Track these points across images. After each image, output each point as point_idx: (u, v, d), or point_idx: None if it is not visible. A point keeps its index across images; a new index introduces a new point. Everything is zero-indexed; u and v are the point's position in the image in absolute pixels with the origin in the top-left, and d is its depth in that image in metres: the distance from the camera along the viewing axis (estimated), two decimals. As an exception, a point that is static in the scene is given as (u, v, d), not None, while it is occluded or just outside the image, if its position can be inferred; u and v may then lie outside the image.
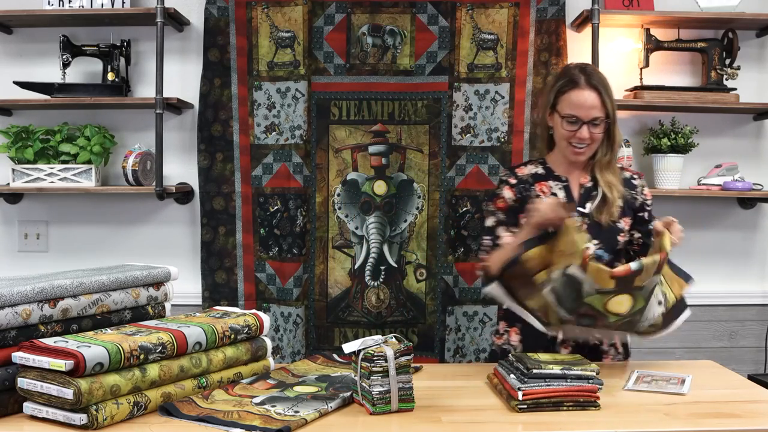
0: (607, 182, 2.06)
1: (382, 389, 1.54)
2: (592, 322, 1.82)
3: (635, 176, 2.16)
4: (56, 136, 2.85)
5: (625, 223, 2.08)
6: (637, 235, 2.11)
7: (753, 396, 1.74)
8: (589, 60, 2.81)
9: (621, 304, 1.75)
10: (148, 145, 2.90)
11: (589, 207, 2.06)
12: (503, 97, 2.92)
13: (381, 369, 1.54)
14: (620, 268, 1.73)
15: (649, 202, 2.14)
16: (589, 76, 2.03)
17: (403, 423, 1.51)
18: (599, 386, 1.62)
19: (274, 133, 2.94)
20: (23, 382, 1.44)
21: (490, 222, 2.12)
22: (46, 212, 3.06)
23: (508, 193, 2.10)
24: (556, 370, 1.62)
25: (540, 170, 2.13)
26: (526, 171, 2.14)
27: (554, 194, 2.08)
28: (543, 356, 1.72)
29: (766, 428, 1.51)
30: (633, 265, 1.72)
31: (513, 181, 2.13)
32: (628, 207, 2.09)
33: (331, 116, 2.94)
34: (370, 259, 2.94)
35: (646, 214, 2.12)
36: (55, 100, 2.84)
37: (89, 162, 2.84)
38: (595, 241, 2.03)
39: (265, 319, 1.81)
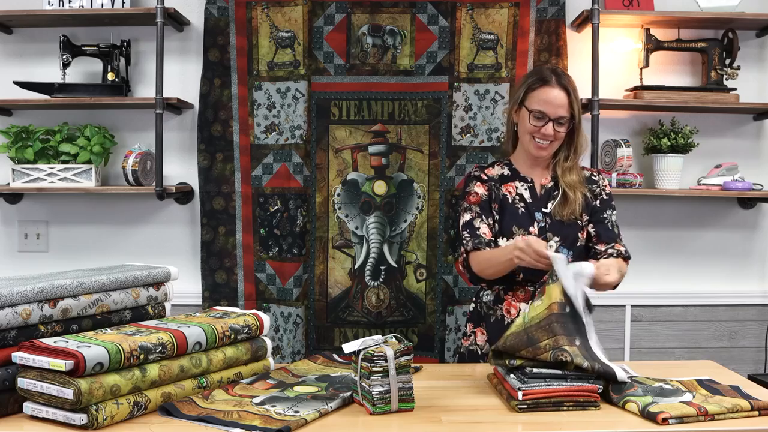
0: (570, 183, 2.11)
1: (382, 389, 1.54)
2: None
3: (595, 173, 2.22)
4: (56, 136, 2.85)
5: (584, 219, 2.13)
6: (591, 228, 2.13)
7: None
8: (589, 60, 2.82)
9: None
10: (148, 145, 2.90)
11: (550, 206, 2.12)
12: (503, 97, 2.92)
13: (381, 369, 1.54)
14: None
15: (606, 192, 2.18)
16: (560, 76, 2.10)
17: (403, 423, 1.51)
18: (599, 386, 1.62)
19: (274, 133, 2.94)
20: (23, 382, 1.44)
21: (467, 217, 2.15)
22: (46, 212, 3.06)
23: (479, 189, 2.16)
24: (557, 370, 1.61)
25: (506, 171, 2.20)
26: (493, 172, 2.20)
27: (520, 195, 2.13)
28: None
29: (766, 428, 1.51)
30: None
31: (484, 177, 2.18)
32: (587, 204, 2.14)
33: (331, 116, 2.94)
34: (370, 259, 2.94)
35: (597, 202, 2.15)
36: (55, 100, 2.84)
37: (89, 162, 2.84)
38: (557, 238, 2.09)
39: (265, 319, 1.81)
